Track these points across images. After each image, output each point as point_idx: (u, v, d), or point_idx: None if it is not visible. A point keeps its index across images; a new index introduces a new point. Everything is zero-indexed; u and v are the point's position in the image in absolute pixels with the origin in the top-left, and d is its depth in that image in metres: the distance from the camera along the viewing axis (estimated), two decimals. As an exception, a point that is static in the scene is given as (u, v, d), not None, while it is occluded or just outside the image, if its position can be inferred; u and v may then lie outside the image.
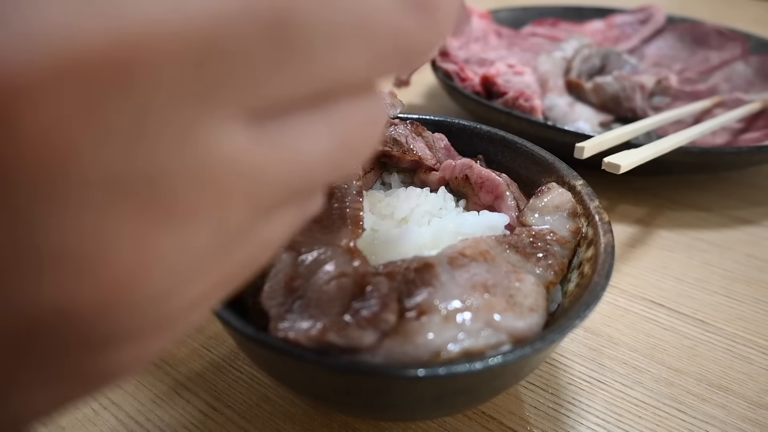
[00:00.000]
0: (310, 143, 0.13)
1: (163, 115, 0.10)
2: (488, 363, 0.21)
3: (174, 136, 0.10)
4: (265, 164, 0.12)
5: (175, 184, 0.11)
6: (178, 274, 0.12)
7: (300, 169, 0.13)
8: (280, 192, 0.13)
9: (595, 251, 0.28)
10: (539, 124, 0.52)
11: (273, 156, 0.12)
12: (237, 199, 0.12)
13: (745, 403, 0.33)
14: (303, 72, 0.12)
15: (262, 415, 0.31)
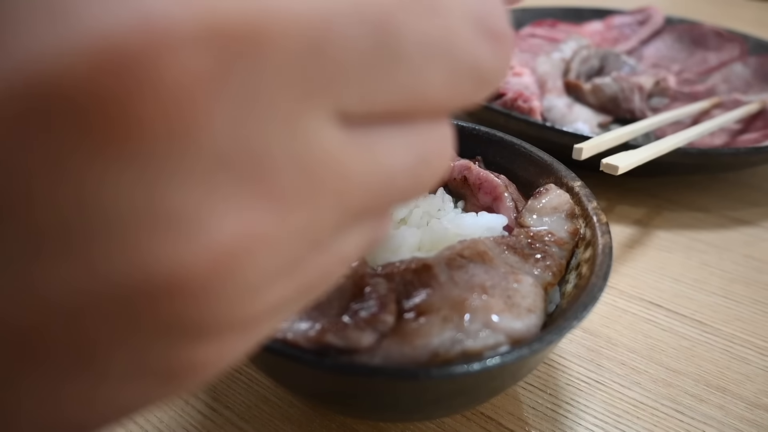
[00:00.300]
0: (394, 155, 0.13)
1: (276, 95, 0.10)
2: (486, 364, 0.21)
3: (282, 118, 0.10)
4: (356, 166, 0.12)
5: (278, 167, 0.11)
6: (273, 264, 0.11)
7: (384, 179, 0.13)
8: (366, 198, 0.12)
9: (593, 252, 0.28)
10: (538, 125, 0.52)
11: (363, 159, 0.12)
12: (329, 196, 0.12)
13: (742, 404, 0.33)
14: (396, 81, 0.12)
15: (261, 416, 0.31)
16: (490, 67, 0.13)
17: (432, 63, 0.12)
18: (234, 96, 0.10)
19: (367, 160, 0.12)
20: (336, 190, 0.12)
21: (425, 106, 0.13)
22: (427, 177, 0.14)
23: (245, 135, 0.10)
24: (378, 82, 0.12)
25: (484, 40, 0.13)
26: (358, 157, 0.12)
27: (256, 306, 0.12)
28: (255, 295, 0.11)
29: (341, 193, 0.12)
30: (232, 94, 0.10)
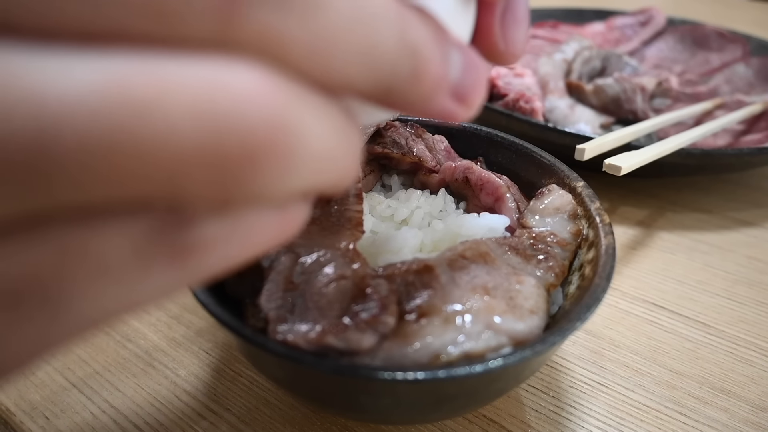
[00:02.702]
0: (64, 73, 0.09)
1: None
2: (488, 366, 0.21)
3: None
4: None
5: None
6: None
7: (29, 104, 0.08)
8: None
9: (596, 253, 0.28)
10: (540, 126, 0.52)
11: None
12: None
13: (747, 407, 0.33)
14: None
15: (262, 418, 0.31)
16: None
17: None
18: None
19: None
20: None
21: (103, 9, 0.09)
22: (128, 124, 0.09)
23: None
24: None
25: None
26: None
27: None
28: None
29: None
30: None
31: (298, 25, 0.10)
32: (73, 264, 0.10)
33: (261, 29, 0.10)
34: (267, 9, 0.10)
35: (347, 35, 0.11)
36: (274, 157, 0.10)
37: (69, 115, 0.08)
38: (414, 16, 0.13)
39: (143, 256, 0.10)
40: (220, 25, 0.10)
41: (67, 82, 0.08)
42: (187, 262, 0.11)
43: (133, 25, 0.09)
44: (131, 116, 0.09)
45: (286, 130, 0.10)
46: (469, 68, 0.14)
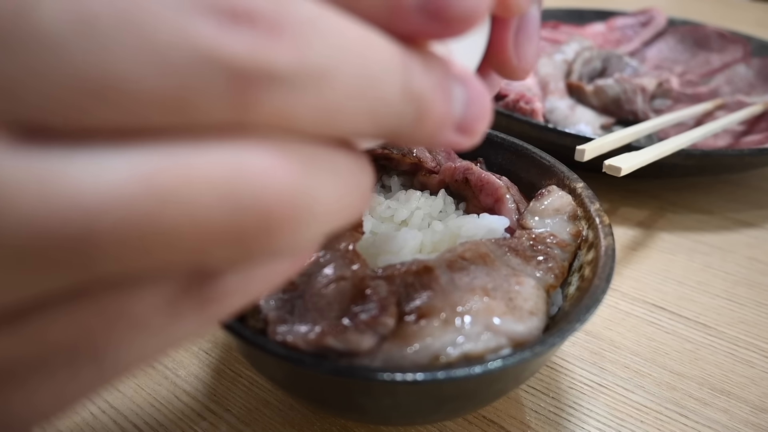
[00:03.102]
0: (98, 174, 0.10)
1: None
2: (488, 367, 0.21)
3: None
4: (13, 188, 0.09)
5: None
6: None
7: (70, 204, 0.09)
8: (36, 235, 0.09)
9: (596, 254, 0.28)
10: (540, 126, 0.52)
11: (31, 181, 0.09)
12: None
13: (747, 408, 0.33)
14: (67, 76, 0.09)
15: (262, 419, 0.31)
16: (229, 53, 0.10)
17: (119, 50, 0.09)
18: None
19: (48, 181, 0.09)
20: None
21: (131, 112, 0.10)
22: (154, 209, 0.10)
23: None
24: (39, 82, 0.09)
25: (207, 15, 0.10)
26: (34, 177, 0.09)
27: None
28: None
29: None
30: None
31: (308, 99, 0.11)
32: (115, 324, 0.11)
33: (273, 110, 0.11)
34: (278, 91, 0.11)
35: (354, 99, 0.12)
36: (288, 225, 0.11)
37: (105, 207, 0.10)
38: (417, 61, 0.13)
39: (173, 310, 0.12)
40: (236, 112, 0.10)
41: (101, 179, 0.10)
42: (211, 310, 0.12)
43: (156, 120, 0.10)
44: (158, 205, 0.10)
45: (299, 200, 0.11)
46: (473, 101, 0.14)
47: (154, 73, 0.10)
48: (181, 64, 0.10)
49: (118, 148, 0.10)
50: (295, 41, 0.11)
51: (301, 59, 0.11)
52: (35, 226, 0.09)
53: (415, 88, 0.13)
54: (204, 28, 0.10)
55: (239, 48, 0.10)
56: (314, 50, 0.11)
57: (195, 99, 0.10)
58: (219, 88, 0.10)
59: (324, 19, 0.11)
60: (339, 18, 0.12)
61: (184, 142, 0.10)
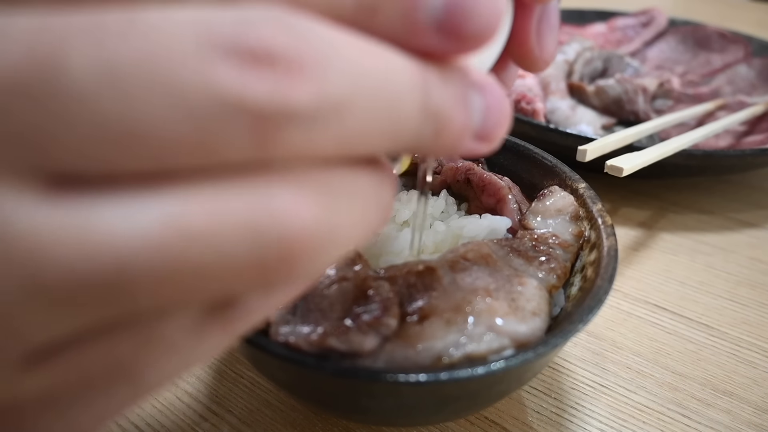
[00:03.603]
0: (130, 222, 0.10)
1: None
2: (491, 368, 0.21)
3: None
4: (52, 239, 0.10)
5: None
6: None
7: (105, 252, 0.10)
8: (75, 281, 0.10)
9: (598, 255, 0.28)
10: (541, 127, 0.52)
11: (68, 231, 0.10)
12: (5, 277, 0.09)
13: (750, 408, 0.33)
14: (97, 128, 0.10)
15: (263, 420, 0.31)
16: (251, 96, 0.10)
17: (146, 98, 0.10)
18: None
19: (79, 230, 0.10)
20: (17, 272, 0.09)
21: (158, 159, 0.10)
22: (184, 250, 0.10)
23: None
24: (68, 135, 0.09)
25: (227, 60, 0.10)
26: (67, 228, 0.10)
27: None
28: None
29: (33, 278, 0.09)
30: None
31: (329, 131, 0.11)
32: (148, 349, 0.12)
33: (295, 146, 0.11)
34: (300, 128, 0.11)
35: (373, 123, 0.12)
36: (309, 257, 0.12)
37: (137, 251, 0.10)
38: (435, 75, 0.13)
39: (200, 332, 0.13)
40: (259, 151, 0.11)
41: (132, 224, 0.10)
42: (233, 329, 0.13)
43: (181, 163, 0.10)
44: (186, 246, 0.10)
45: (320, 234, 0.12)
46: (491, 108, 0.14)
47: (179, 119, 0.10)
48: (205, 110, 0.10)
49: (146, 192, 0.10)
50: (315, 77, 0.11)
51: (321, 94, 0.11)
52: (73, 273, 0.10)
53: (433, 105, 0.13)
54: (226, 73, 0.10)
55: (260, 91, 0.10)
56: (334, 82, 0.11)
57: (219, 142, 0.10)
58: (242, 131, 0.10)
59: (341, 47, 0.11)
60: (356, 42, 0.12)
61: (208, 183, 0.11)
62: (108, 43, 0.09)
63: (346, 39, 0.12)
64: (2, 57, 0.09)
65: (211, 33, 0.10)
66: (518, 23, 0.20)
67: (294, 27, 0.11)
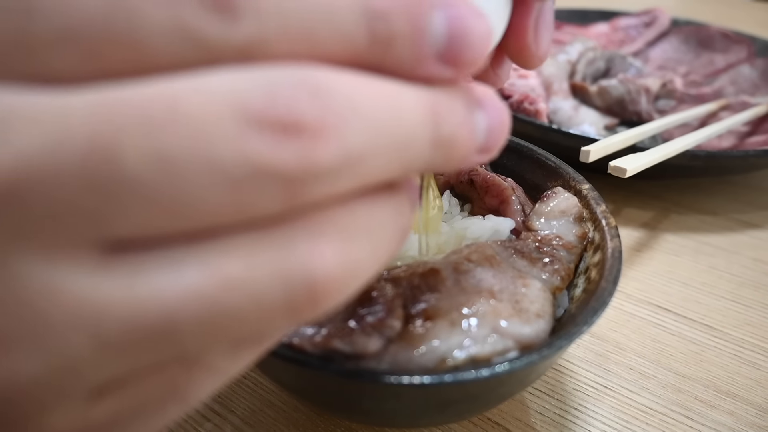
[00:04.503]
0: (176, 279, 0.12)
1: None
2: (495, 370, 0.21)
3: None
4: (110, 300, 0.11)
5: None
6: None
7: (156, 307, 0.11)
8: (132, 333, 0.11)
9: (602, 256, 0.28)
10: (544, 127, 0.52)
11: (123, 292, 0.11)
12: (74, 334, 0.11)
13: (753, 410, 0.33)
14: (148, 205, 0.11)
15: (266, 420, 0.31)
16: (282, 164, 0.11)
17: (191, 177, 0.11)
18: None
19: (132, 290, 0.11)
20: (82, 326, 0.11)
21: (200, 221, 0.12)
22: (228, 301, 0.12)
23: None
24: (120, 210, 0.11)
25: (260, 132, 0.11)
26: (120, 289, 0.11)
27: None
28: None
29: (91, 329, 0.11)
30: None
31: (350, 179, 0.13)
32: (194, 375, 0.14)
33: (318, 197, 0.12)
34: (324, 182, 0.12)
35: (390, 162, 0.13)
36: (333, 295, 0.13)
37: (184, 305, 0.12)
38: (443, 102, 0.14)
39: (236, 355, 0.14)
40: (287, 206, 0.12)
41: (178, 282, 0.12)
42: (264, 348, 0.15)
43: (221, 223, 0.12)
44: (227, 297, 0.12)
45: (343, 273, 0.13)
46: (493, 124, 0.15)
47: (220, 188, 0.11)
48: (242, 178, 0.11)
49: (188, 252, 0.12)
50: (337, 137, 0.12)
51: (344, 151, 0.12)
52: (129, 326, 0.11)
53: (444, 135, 0.14)
54: (259, 145, 0.11)
55: (290, 159, 0.11)
56: (354, 138, 0.12)
57: (254, 205, 0.12)
58: (274, 193, 0.12)
59: (359, 100, 0.12)
60: (370, 89, 0.13)
61: (242, 240, 0.12)
62: (155, 131, 0.11)
63: (361, 89, 0.13)
64: (68, 145, 0.10)
65: (243, 107, 0.11)
66: (517, 20, 0.20)
67: (316, 89, 0.12)
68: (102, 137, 0.10)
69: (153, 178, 0.11)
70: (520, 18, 0.20)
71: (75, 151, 0.10)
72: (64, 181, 0.10)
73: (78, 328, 0.11)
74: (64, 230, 0.11)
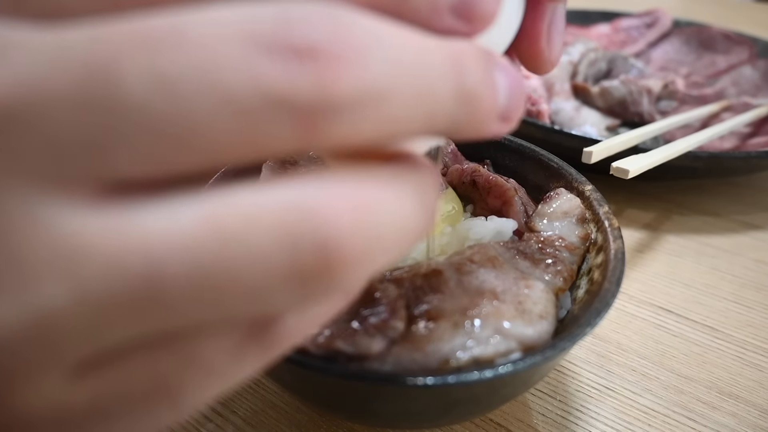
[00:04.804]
0: (166, 222, 0.10)
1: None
2: (498, 371, 0.21)
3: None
4: (94, 240, 0.10)
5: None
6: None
7: (140, 250, 0.10)
8: (113, 279, 0.10)
9: (605, 257, 0.28)
10: (546, 128, 0.52)
11: (109, 232, 0.10)
12: (51, 278, 0.10)
13: (755, 411, 0.33)
14: (149, 132, 0.10)
15: (268, 421, 0.31)
16: (295, 92, 0.10)
17: (195, 101, 0.10)
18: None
19: (122, 232, 0.10)
20: (61, 273, 0.10)
21: (204, 154, 0.10)
22: (219, 253, 0.10)
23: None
24: (122, 144, 0.10)
25: (271, 57, 0.10)
26: (111, 231, 0.10)
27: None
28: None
29: (75, 279, 0.10)
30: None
31: (369, 119, 0.11)
32: (187, 368, 0.12)
33: (336, 136, 0.11)
34: (341, 118, 0.11)
35: (412, 109, 0.12)
36: (349, 260, 0.11)
37: (170, 251, 0.10)
38: (466, 56, 0.13)
39: (239, 354, 0.13)
40: (301, 143, 0.11)
41: (168, 224, 0.10)
42: (273, 351, 0.13)
43: (230, 159, 0.11)
44: (220, 248, 0.10)
45: (360, 232, 0.11)
46: (513, 89, 0.14)
47: (228, 117, 0.10)
48: (251, 107, 0.10)
49: (184, 195, 0.11)
50: (355, 67, 0.11)
51: (362, 84, 0.11)
52: (109, 273, 0.10)
53: (467, 88, 0.13)
54: (270, 69, 0.10)
55: (304, 86, 0.10)
56: (374, 71, 0.11)
57: (265, 136, 0.11)
58: (287, 125, 0.11)
59: (380, 35, 0.12)
60: (393, 29, 0.12)
61: (244, 186, 0.11)
62: (158, 52, 0.10)
63: (383, 27, 0.12)
64: (66, 69, 0.10)
65: (254, 32, 0.10)
66: (531, 23, 0.20)
67: (333, 18, 0.11)
68: (101, 59, 0.10)
69: (154, 101, 0.10)
70: (533, 22, 0.20)
71: (73, 75, 0.10)
72: (61, 104, 0.10)
73: (56, 270, 0.10)
74: (59, 160, 0.10)
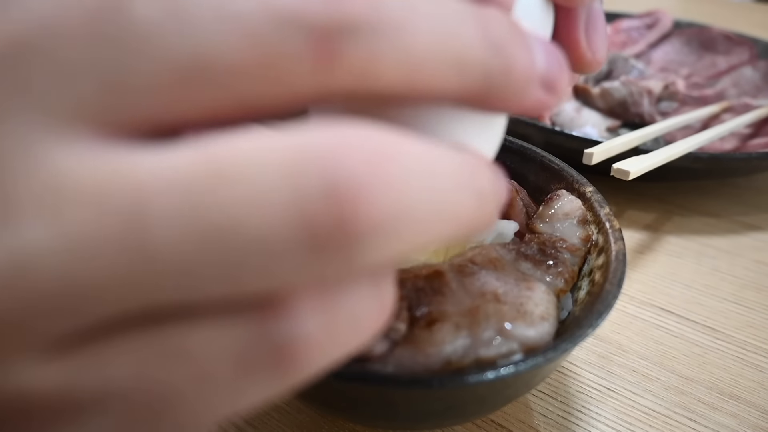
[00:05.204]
0: (163, 160, 0.10)
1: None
2: (500, 373, 0.21)
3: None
4: (88, 181, 0.09)
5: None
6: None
7: (131, 188, 0.09)
8: (97, 219, 0.09)
9: (606, 259, 0.28)
10: (547, 129, 0.52)
11: (104, 173, 0.09)
12: (32, 216, 0.09)
13: (756, 412, 0.33)
14: (159, 59, 0.10)
15: (270, 422, 0.31)
16: (307, 8, 0.10)
17: (206, 27, 0.10)
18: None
19: (110, 171, 0.10)
20: (48, 213, 0.09)
21: (221, 92, 0.10)
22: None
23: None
24: (134, 72, 0.10)
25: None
26: (97, 169, 0.10)
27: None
28: None
29: (60, 219, 0.09)
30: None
31: (389, 49, 0.11)
32: (174, 363, 0.10)
33: (356, 63, 0.10)
34: (359, 42, 0.10)
35: (435, 47, 0.11)
36: (367, 222, 0.10)
37: (158, 188, 0.09)
38: (490, 13, 0.13)
39: (243, 361, 0.10)
40: (320, 70, 0.10)
41: (161, 163, 0.09)
42: (289, 365, 0.11)
43: (246, 94, 0.10)
44: (217, 185, 0.09)
45: (379, 179, 0.10)
46: (551, 54, 0.14)
47: (240, 43, 0.10)
48: (263, 30, 0.10)
49: (184, 138, 0.10)
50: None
51: (377, 7, 0.11)
52: (91, 222, 0.09)
53: (494, 36, 0.12)
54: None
55: (316, 5, 0.10)
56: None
57: (280, 62, 0.10)
58: (302, 48, 0.10)
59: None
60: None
61: (253, 128, 0.10)
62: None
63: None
64: (74, 3, 0.10)
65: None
66: (565, 28, 0.20)
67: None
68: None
69: (165, 28, 0.10)
70: (568, 26, 0.20)
71: (83, 6, 0.10)
72: (71, 37, 0.10)
73: (40, 208, 0.09)
74: (66, 95, 0.10)
